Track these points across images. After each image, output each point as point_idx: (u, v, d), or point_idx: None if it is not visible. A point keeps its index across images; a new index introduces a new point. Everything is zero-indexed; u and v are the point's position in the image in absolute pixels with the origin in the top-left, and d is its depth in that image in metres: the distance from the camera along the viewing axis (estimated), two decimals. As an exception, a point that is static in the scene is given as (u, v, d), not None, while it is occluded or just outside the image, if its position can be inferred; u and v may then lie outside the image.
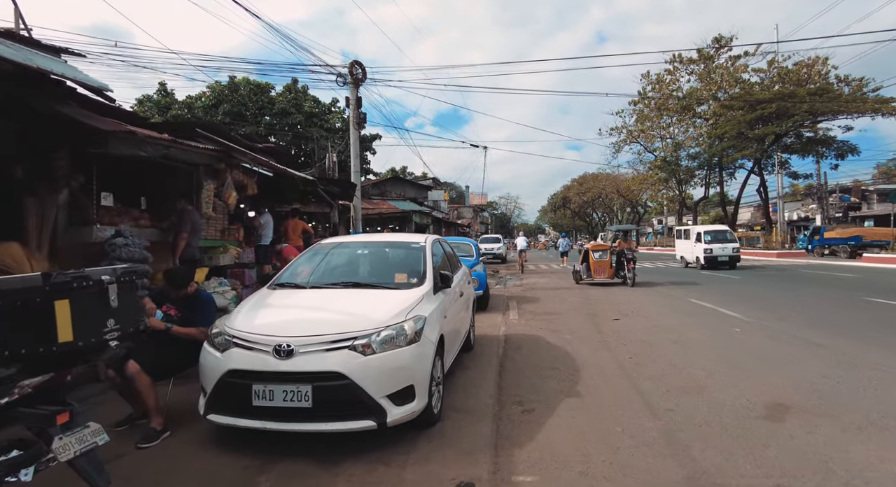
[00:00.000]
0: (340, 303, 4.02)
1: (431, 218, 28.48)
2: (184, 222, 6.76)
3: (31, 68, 4.41)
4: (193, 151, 6.80)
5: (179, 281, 4.26)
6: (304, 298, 4.22)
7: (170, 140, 6.11)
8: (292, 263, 5.00)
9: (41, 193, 5.35)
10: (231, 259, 8.71)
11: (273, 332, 3.50)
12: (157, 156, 6.05)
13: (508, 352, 6.46)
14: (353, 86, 14.73)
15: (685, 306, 10.29)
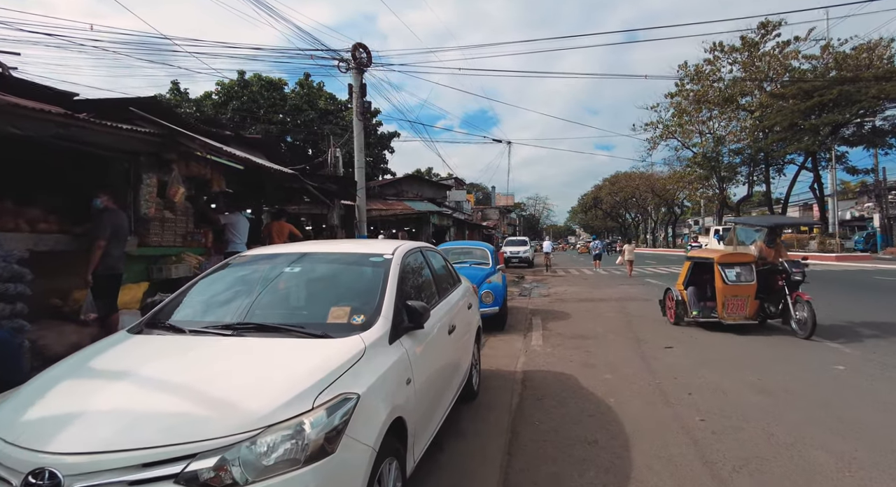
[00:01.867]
0: (213, 367, 2.28)
1: (452, 219, 26.71)
2: (101, 226, 5.17)
3: None
4: (116, 134, 5.21)
5: None
6: (164, 354, 2.49)
7: (63, 115, 4.51)
8: (189, 287, 3.30)
9: None
10: (188, 270, 7.10)
11: (40, 441, 1.79)
12: (48, 135, 4.47)
13: (526, 407, 4.61)
14: (355, 71, 13.10)
15: (754, 328, 8.20)
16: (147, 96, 5.95)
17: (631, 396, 4.83)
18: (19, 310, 4.25)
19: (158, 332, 2.74)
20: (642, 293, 13.88)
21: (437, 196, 29.43)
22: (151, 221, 6.76)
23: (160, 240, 7.01)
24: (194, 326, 2.74)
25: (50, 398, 2.06)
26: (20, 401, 2.06)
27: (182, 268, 7.00)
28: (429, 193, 28.64)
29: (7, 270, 4.12)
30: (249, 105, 25.80)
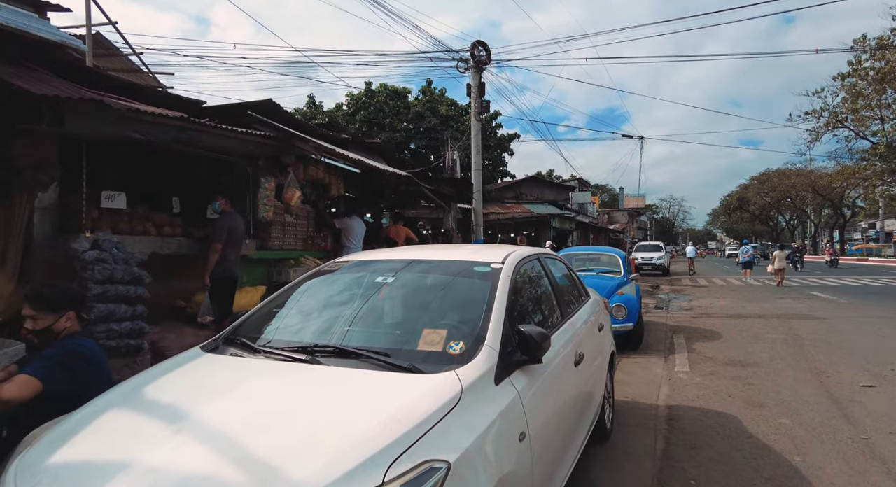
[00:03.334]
0: (270, 409, 1.80)
1: (576, 222, 25.23)
2: (217, 229, 5.22)
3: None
4: (232, 137, 5.24)
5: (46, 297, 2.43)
6: (224, 385, 2.07)
7: (180, 119, 4.56)
8: (275, 297, 2.93)
9: (9, 193, 4.11)
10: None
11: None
12: (167, 140, 4.53)
13: (675, 456, 3.63)
14: (474, 70, 12.67)
15: None
16: (263, 99, 5.99)
17: (827, 455, 3.60)
18: (139, 312, 4.33)
19: (231, 351, 2.36)
20: (811, 309, 11.53)
21: (559, 198, 28.08)
22: (272, 225, 6.85)
23: (281, 244, 7.10)
24: (269, 345, 2.32)
25: (85, 438, 1.71)
26: (58, 435, 1.75)
27: (301, 272, 7.00)
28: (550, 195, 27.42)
29: (128, 273, 4.19)
30: (376, 114, 26.88)
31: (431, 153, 28.74)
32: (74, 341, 2.43)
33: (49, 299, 2.36)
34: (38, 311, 2.35)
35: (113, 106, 3.86)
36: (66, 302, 2.42)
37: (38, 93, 3.36)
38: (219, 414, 1.75)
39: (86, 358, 2.42)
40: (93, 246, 4.09)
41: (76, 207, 4.43)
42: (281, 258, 7.02)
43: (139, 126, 4.22)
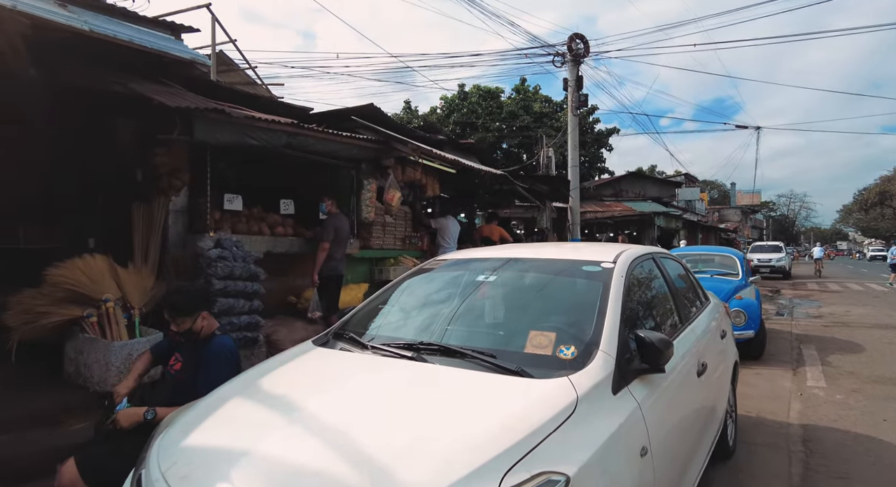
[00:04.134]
0: (378, 405, 1.78)
1: (682, 221, 23.53)
2: (325, 229, 5.48)
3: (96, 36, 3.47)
4: (337, 141, 5.48)
5: (179, 306, 2.60)
6: (336, 379, 2.10)
7: (292, 126, 4.83)
8: (381, 294, 2.97)
9: (150, 197, 4.60)
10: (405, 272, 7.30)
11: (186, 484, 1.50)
12: (279, 145, 4.83)
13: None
14: (571, 63, 12.25)
15: None
16: (365, 104, 6.20)
17: None
18: (255, 307, 4.64)
19: (341, 346, 2.41)
20: (984, 321, 9.71)
21: (664, 195, 26.36)
22: (373, 225, 7.09)
23: (381, 244, 7.33)
24: (376, 341, 2.34)
25: (212, 424, 1.81)
26: (189, 420, 1.87)
27: (400, 271, 7.19)
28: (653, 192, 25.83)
29: (246, 270, 4.52)
30: (469, 115, 27.07)
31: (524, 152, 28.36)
32: (219, 344, 2.61)
33: (181, 306, 2.56)
34: (175, 319, 2.56)
35: (233, 114, 4.18)
36: (196, 305, 2.61)
37: (173, 105, 3.72)
38: (330, 408, 1.77)
39: (233, 358, 2.60)
40: (216, 244, 4.46)
41: (202, 209, 4.87)
42: (381, 257, 7.24)
43: (255, 132, 4.53)
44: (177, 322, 2.56)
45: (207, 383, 2.50)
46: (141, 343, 3.94)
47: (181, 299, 2.59)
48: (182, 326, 2.58)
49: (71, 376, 3.93)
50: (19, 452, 3.00)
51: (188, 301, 2.59)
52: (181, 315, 2.55)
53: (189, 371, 2.57)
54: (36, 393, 3.66)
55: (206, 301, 2.75)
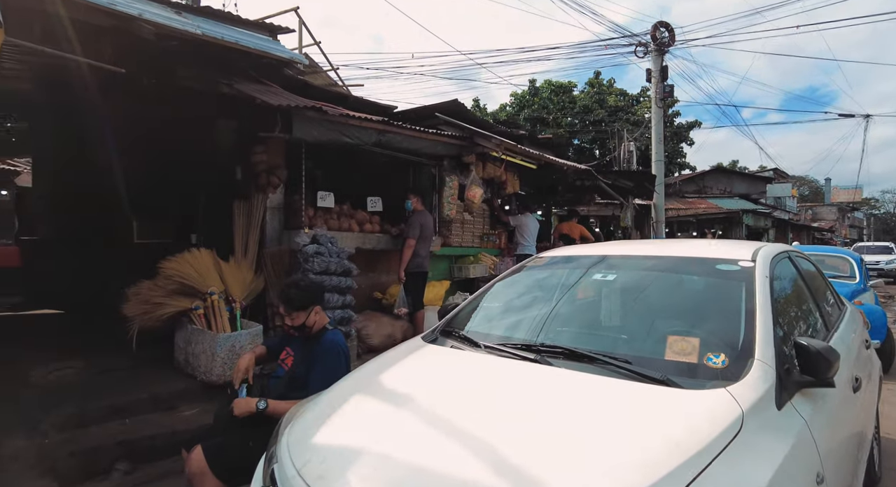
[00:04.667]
0: (511, 408, 1.67)
1: (772, 219, 21.80)
2: (411, 226, 5.48)
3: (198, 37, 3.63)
4: (424, 138, 5.46)
5: (294, 300, 2.61)
6: (458, 378, 2.01)
7: (381, 123, 4.86)
8: (485, 292, 2.87)
9: (249, 194, 4.77)
10: (485, 270, 7.20)
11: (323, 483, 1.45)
12: (370, 143, 4.87)
13: None
14: (655, 53, 11.62)
15: None
16: (449, 101, 6.15)
17: None
18: (349, 302, 4.71)
19: (452, 344, 2.32)
20: None
21: (752, 191, 24.53)
22: (453, 223, 7.05)
23: (460, 241, 7.27)
24: (490, 341, 2.23)
25: (339, 421, 1.77)
26: (316, 416, 1.84)
27: (479, 268, 7.11)
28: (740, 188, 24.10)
29: (340, 266, 4.58)
30: (539, 111, 26.55)
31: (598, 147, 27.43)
32: (331, 339, 2.62)
33: (296, 300, 2.59)
34: (290, 312, 2.58)
35: (329, 112, 4.25)
36: (310, 300, 2.64)
37: (275, 104, 3.82)
38: (460, 410, 1.68)
39: (345, 353, 2.61)
40: (312, 240, 4.55)
41: (297, 206, 5.00)
42: (461, 254, 7.18)
43: (348, 130, 4.58)
44: (291, 316, 2.59)
45: (320, 378, 2.51)
46: (242, 335, 4.09)
47: (297, 293, 2.61)
48: (296, 320, 2.60)
49: (181, 364, 4.15)
50: (144, 433, 3.18)
51: (303, 295, 2.61)
52: (296, 309, 2.58)
53: (301, 365, 2.59)
54: (153, 379, 3.89)
55: (319, 296, 2.78)
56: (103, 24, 3.40)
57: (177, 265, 4.13)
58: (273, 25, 4.52)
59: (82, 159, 6.90)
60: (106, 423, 3.27)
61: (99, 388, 3.65)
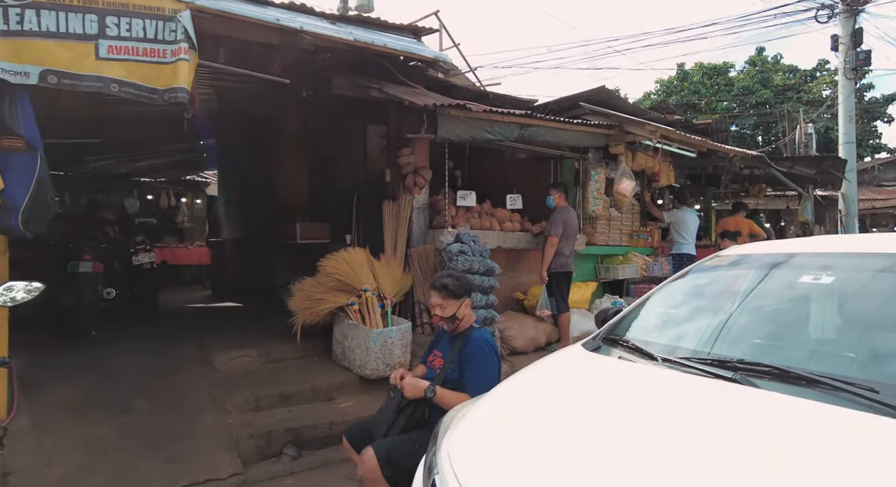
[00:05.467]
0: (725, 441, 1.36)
1: None
2: (554, 223, 5.20)
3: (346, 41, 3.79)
4: (568, 129, 5.17)
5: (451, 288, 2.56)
6: (642, 398, 1.73)
7: (525, 116, 4.67)
8: (652, 295, 2.52)
9: (397, 195, 4.91)
10: (635, 271, 6.63)
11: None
12: (512, 138, 4.73)
13: None
14: (845, 14, 9.77)
15: None
16: (595, 88, 5.74)
17: None
18: (491, 302, 4.60)
19: (621, 354, 2.05)
20: None
21: (979, 176, 19.57)
22: (598, 219, 6.60)
23: (606, 239, 6.79)
24: (668, 353, 1.92)
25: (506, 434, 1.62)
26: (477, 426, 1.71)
27: (629, 269, 6.56)
28: (961, 173, 19.37)
29: (483, 264, 4.50)
30: (689, 97, 24.20)
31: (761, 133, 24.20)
32: (480, 337, 2.55)
33: (453, 288, 2.54)
34: (446, 300, 2.54)
35: (472, 109, 4.18)
36: (464, 291, 2.59)
37: (422, 104, 3.85)
38: (643, 438, 1.41)
39: (495, 351, 2.52)
40: (455, 239, 4.53)
41: (440, 206, 5.03)
42: (608, 254, 6.70)
43: (490, 126, 4.48)
44: (443, 305, 2.53)
45: (474, 378, 2.41)
46: (393, 331, 4.19)
47: (453, 281, 2.57)
48: (447, 310, 2.53)
49: (338, 357, 4.39)
50: (307, 422, 3.39)
51: (458, 284, 2.58)
52: (452, 297, 2.52)
53: (452, 365, 2.51)
54: (314, 370, 4.17)
55: (470, 290, 2.71)
56: (271, 41, 3.72)
57: (334, 263, 4.38)
58: (416, 27, 4.59)
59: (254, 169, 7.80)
60: (275, 409, 3.55)
61: (269, 376, 4.00)
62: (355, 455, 2.43)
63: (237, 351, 4.30)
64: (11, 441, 2.84)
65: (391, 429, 2.41)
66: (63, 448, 2.92)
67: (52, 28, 2.67)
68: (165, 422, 3.32)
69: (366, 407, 3.73)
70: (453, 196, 5.29)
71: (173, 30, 2.94)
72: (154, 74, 2.91)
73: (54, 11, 2.68)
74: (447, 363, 2.53)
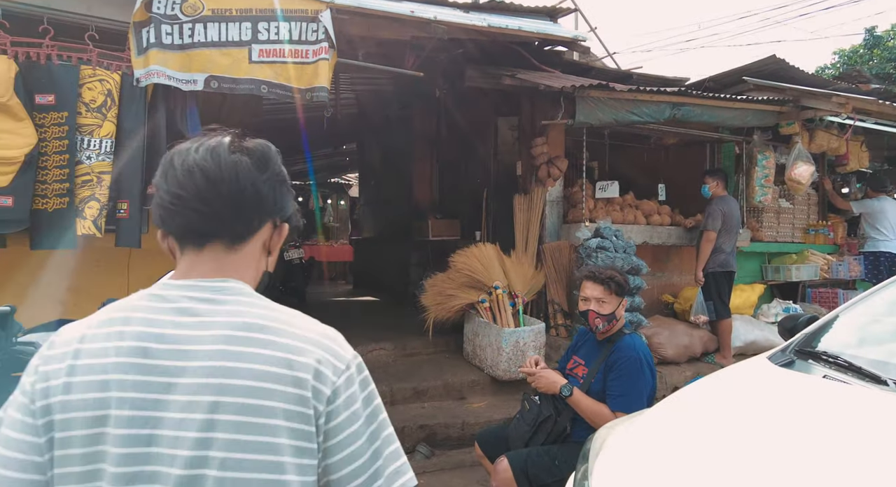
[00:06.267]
0: None
1: None
2: (711, 215, 4.55)
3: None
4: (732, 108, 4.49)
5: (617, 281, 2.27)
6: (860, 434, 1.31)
7: (677, 94, 4.13)
8: (866, 296, 1.96)
9: (529, 189, 4.67)
10: (813, 272, 5.59)
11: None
12: (662, 120, 4.24)
13: None
14: None
15: None
16: (762, 58, 4.88)
17: None
18: (637, 304, 4.15)
19: (826, 373, 1.59)
20: None
21: None
22: (763, 211, 5.68)
23: (774, 235, 5.83)
24: None
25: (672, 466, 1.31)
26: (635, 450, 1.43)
27: (805, 270, 5.53)
28: None
29: (627, 262, 4.07)
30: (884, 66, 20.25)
31: None
32: (629, 344, 2.21)
33: (619, 283, 2.25)
34: (608, 295, 2.24)
35: (617, 88, 3.78)
36: (627, 288, 2.30)
37: (558, 87, 3.56)
38: None
39: (648, 362, 2.19)
40: (594, 234, 4.15)
41: (577, 198, 4.67)
42: (777, 252, 5.73)
43: (636, 107, 4.02)
44: (602, 301, 2.23)
45: (618, 390, 2.10)
46: (525, 332, 3.96)
47: (620, 275, 2.28)
48: (606, 307, 2.23)
49: (468, 355, 4.28)
50: (439, 420, 3.31)
51: (623, 279, 2.27)
52: (615, 292, 2.23)
53: (596, 375, 2.21)
54: (445, 367, 4.12)
55: (629, 286, 2.39)
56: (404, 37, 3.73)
57: (465, 259, 4.28)
58: (552, 9, 4.30)
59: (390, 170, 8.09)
60: (409, 404, 3.54)
61: (404, 370, 4.02)
62: (488, 464, 2.25)
63: (374, 344, 4.40)
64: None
65: (530, 444, 2.19)
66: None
67: (215, 38, 2.90)
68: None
69: (497, 410, 3.55)
70: (591, 187, 4.90)
71: (315, 30, 3.04)
72: (297, 74, 3.03)
73: (217, 23, 2.91)
74: (592, 372, 2.23)
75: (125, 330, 0.66)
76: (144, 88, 2.84)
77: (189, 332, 0.66)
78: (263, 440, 0.63)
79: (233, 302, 0.69)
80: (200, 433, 0.62)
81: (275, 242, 0.77)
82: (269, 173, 0.73)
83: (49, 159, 2.64)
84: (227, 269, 0.71)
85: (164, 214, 0.70)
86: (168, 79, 2.77)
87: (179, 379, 0.64)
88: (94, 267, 3.05)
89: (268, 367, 0.65)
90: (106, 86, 2.76)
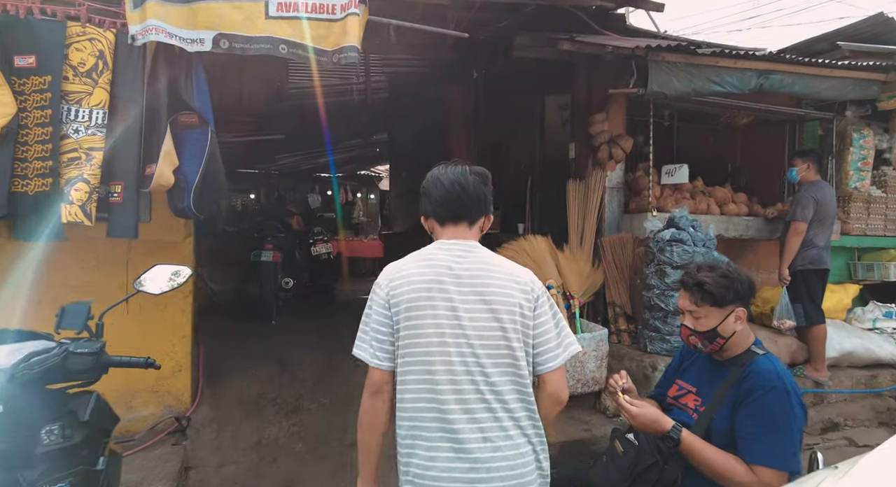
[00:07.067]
0: None
1: None
2: (801, 203, 3.87)
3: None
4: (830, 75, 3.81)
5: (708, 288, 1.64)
6: None
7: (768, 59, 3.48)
8: None
9: (584, 174, 4.09)
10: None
11: None
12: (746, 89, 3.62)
13: None
14: None
15: None
16: (866, 18, 4.15)
17: None
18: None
19: None
20: None
21: None
22: (851, 201, 4.94)
23: (864, 227, 5.07)
24: None
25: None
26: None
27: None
28: None
29: (708, 257, 3.44)
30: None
31: None
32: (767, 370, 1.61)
33: (712, 289, 1.63)
34: (700, 306, 1.65)
35: (699, 52, 3.17)
36: (733, 296, 1.65)
37: (630, 46, 2.97)
38: None
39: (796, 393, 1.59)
40: (667, 224, 3.55)
41: (641, 184, 4.07)
42: (869, 247, 4.99)
43: (718, 75, 3.39)
44: (696, 314, 1.66)
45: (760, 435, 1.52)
46: (585, 339, 3.39)
47: (715, 278, 1.65)
48: (702, 323, 1.66)
49: (518, 363, 3.74)
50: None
51: (722, 283, 1.64)
52: (708, 303, 1.64)
53: (720, 411, 1.63)
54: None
55: (747, 293, 1.72)
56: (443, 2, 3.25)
57: (512, 254, 3.71)
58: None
59: (422, 160, 7.59)
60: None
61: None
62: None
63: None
64: (193, 433, 2.74)
65: None
66: (239, 447, 2.75)
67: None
68: (338, 424, 3.02)
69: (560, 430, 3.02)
70: (656, 173, 4.28)
71: (342, -21, 2.54)
72: (323, 33, 2.54)
73: (227, -29, 2.45)
74: (712, 406, 1.65)
75: (433, 261, 1.43)
76: (143, 49, 2.40)
77: (464, 263, 1.40)
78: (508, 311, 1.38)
79: (479, 251, 1.44)
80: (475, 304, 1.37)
81: (486, 225, 1.51)
82: (488, 188, 1.50)
83: (30, 133, 2.22)
84: (469, 237, 1.46)
85: (437, 209, 1.48)
86: (169, 36, 2.31)
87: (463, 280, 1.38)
88: (90, 264, 2.63)
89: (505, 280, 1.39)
90: (97, 46, 2.33)
